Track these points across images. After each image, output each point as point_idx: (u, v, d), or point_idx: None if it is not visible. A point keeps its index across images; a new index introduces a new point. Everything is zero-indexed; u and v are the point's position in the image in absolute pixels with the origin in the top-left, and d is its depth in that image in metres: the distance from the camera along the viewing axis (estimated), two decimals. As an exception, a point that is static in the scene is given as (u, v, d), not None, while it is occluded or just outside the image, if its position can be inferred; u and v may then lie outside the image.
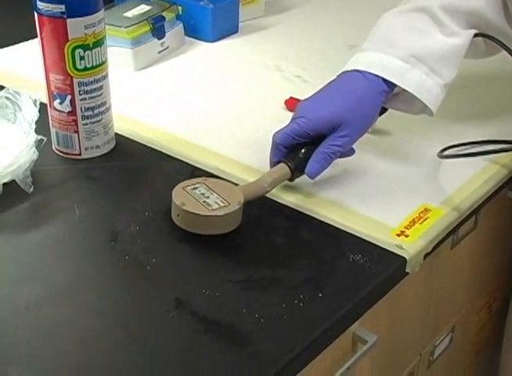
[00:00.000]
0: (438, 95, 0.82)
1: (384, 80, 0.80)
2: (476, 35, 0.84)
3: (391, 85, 0.81)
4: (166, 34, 1.13)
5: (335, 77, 0.83)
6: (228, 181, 0.81)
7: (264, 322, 0.64)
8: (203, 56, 1.16)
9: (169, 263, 0.71)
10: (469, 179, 0.85)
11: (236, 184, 0.79)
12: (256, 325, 0.64)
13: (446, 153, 0.87)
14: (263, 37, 1.22)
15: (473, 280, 1.04)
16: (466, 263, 0.99)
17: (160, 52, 1.13)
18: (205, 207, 0.72)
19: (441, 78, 0.82)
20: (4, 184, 0.78)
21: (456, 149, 0.88)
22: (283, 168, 0.78)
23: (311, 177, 0.79)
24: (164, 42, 1.13)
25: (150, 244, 0.73)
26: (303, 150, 0.79)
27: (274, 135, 0.80)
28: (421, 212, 0.79)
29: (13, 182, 0.78)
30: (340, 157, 0.81)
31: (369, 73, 0.80)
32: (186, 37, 1.19)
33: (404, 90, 0.81)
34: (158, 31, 1.11)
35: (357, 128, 0.79)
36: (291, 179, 0.79)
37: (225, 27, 1.21)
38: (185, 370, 0.60)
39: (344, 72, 0.82)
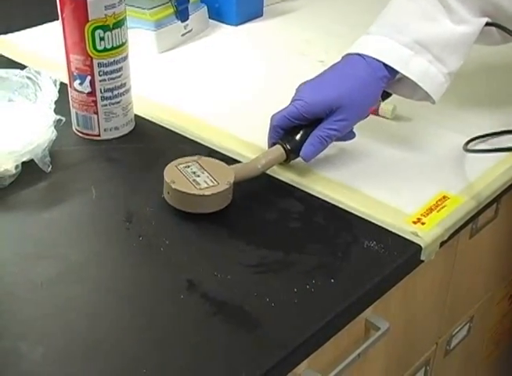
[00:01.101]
0: (441, 84, 0.81)
1: (386, 65, 0.79)
2: (487, 24, 0.82)
3: (392, 71, 0.79)
4: (190, 17, 1.13)
5: (340, 59, 0.82)
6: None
7: (274, 306, 0.64)
8: (227, 40, 1.15)
9: (182, 245, 0.71)
10: (490, 167, 0.84)
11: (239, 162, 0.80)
12: (266, 309, 0.64)
13: (472, 145, 0.85)
14: (287, 22, 1.22)
15: (493, 270, 1.03)
16: (485, 253, 0.98)
17: (183, 34, 1.13)
18: (194, 186, 0.73)
19: (445, 67, 0.80)
20: (23, 163, 0.79)
21: (481, 140, 0.86)
22: (278, 150, 0.79)
23: (306, 160, 0.79)
24: (187, 25, 1.13)
25: (165, 226, 0.73)
26: (300, 133, 0.79)
27: (272, 117, 0.80)
28: (439, 200, 0.78)
29: (32, 161, 0.79)
30: (339, 140, 0.81)
31: (371, 57, 0.79)
32: (210, 20, 1.18)
33: (406, 76, 0.80)
34: (182, 14, 1.11)
35: (355, 112, 0.78)
36: (286, 161, 0.80)
37: (249, 10, 1.21)
38: (193, 351, 0.60)
39: (347, 55, 0.82)
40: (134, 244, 0.71)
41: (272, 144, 0.80)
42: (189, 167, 0.75)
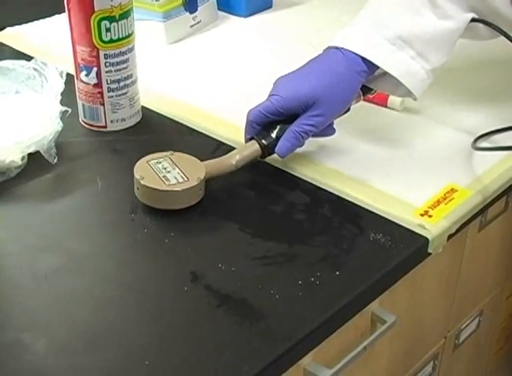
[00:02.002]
0: (423, 80, 0.79)
1: (365, 60, 0.77)
2: (473, 20, 0.80)
3: (371, 66, 0.77)
4: (198, 8, 1.12)
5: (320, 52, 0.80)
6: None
7: (278, 298, 0.64)
8: (236, 31, 1.15)
9: (187, 237, 0.71)
10: (499, 160, 0.83)
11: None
12: (270, 301, 0.64)
13: (481, 142, 0.84)
14: (297, 13, 1.21)
15: (503, 264, 1.02)
16: (495, 246, 0.97)
17: (192, 26, 1.12)
18: (163, 182, 0.72)
19: (428, 63, 0.78)
20: (29, 155, 0.79)
21: (490, 136, 0.85)
22: (254, 145, 0.78)
23: (281, 156, 0.77)
24: (196, 16, 1.12)
25: (170, 218, 0.73)
26: (276, 128, 0.78)
27: (248, 112, 0.78)
28: (447, 192, 0.77)
29: (38, 152, 0.79)
30: (318, 136, 0.79)
31: (349, 51, 0.77)
32: (219, 12, 1.18)
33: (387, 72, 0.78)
34: (190, 5, 1.11)
35: (331, 107, 0.76)
36: (262, 157, 0.79)
37: (258, 1, 1.20)
38: (196, 343, 0.60)
39: (327, 48, 0.80)
40: (138, 236, 0.71)
41: (247, 139, 0.79)
42: (160, 163, 0.75)
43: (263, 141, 0.78)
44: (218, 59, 1.06)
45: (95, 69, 0.83)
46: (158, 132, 0.88)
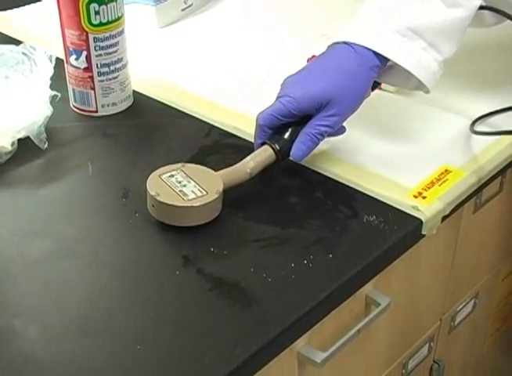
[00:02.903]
0: (435, 72, 0.77)
1: (376, 54, 0.74)
2: (481, 8, 0.78)
3: (383, 60, 0.75)
4: (190, -9, 1.11)
5: (326, 49, 0.77)
6: (244, 140, 0.79)
7: (271, 281, 0.63)
8: (228, 14, 1.14)
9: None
10: (494, 141, 0.82)
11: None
12: (263, 284, 0.63)
13: (478, 125, 0.83)
14: (289, -4, 1.20)
15: (498, 245, 1.02)
16: (490, 228, 0.97)
17: (183, 9, 1.11)
18: (181, 197, 0.68)
19: (440, 54, 0.76)
20: (19, 140, 0.78)
21: (487, 118, 0.84)
22: (267, 151, 0.73)
23: (297, 160, 0.74)
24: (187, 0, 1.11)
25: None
26: (289, 131, 0.74)
27: (258, 116, 0.74)
28: (441, 174, 0.77)
29: (28, 138, 0.78)
30: (329, 136, 0.76)
31: (360, 46, 0.74)
32: (211, -5, 1.17)
33: (398, 64, 0.75)
34: (182, -12, 1.10)
35: (346, 106, 0.73)
36: (276, 162, 0.74)
37: (251, -16, 1.19)
38: (189, 327, 0.59)
39: (334, 44, 0.76)
40: (130, 221, 0.70)
41: (259, 145, 0.75)
42: (173, 176, 0.70)
43: (276, 145, 0.73)
44: (209, 43, 1.05)
45: (84, 53, 0.82)
46: (150, 116, 0.88)
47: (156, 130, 0.85)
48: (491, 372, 1.21)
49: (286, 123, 0.74)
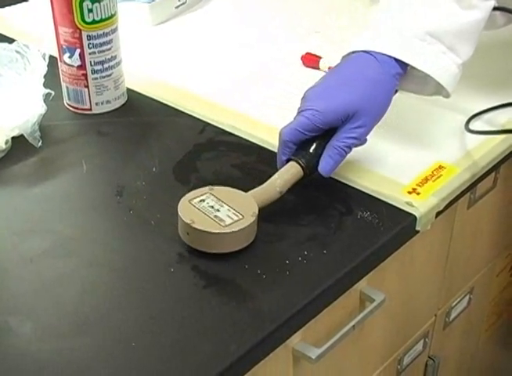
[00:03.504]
0: (455, 76, 0.76)
1: (398, 61, 0.73)
2: (494, 9, 0.77)
3: (404, 67, 0.74)
4: (183, -11, 1.11)
5: (341, 59, 0.76)
6: (239, 137, 0.79)
7: (266, 278, 0.63)
8: (221, 12, 1.13)
9: (173, 218, 0.70)
10: (487, 137, 0.82)
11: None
12: (257, 281, 0.63)
13: (474, 122, 0.83)
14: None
15: (492, 241, 1.02)
16: (485, 223, 0.97)
17: (177, 7, 1.11)
18: (217, 223, 0.65)
19: (458, 57, 0.75)
20: (13, 138, 0.78)
21: (482, 115, 0.84)
22: (294, 167, 0.71)
23: (325, 174, 0.71)
24: (181, -3, 1.11)
25: (155, 200, 0.72)
26: (313, 145, 0.71)
27: (281, 132, 0.72)
28: (435, 170, 0.77)
29: (22, 136, 0.78)
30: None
31: (382, 54, 0.72)
32: (205, -8, 1.17)
33: (415, 70, 0.74)
34: (175, -14, 1.10)
35: (372, 117, 0.71)
36: (303, 178, 0.72)
37: (244, -19, 1.18)
38: (183, 324, 0.59)
39: (352, 53, 0.75)
40: (125, 218, 0.70)
41: (283, 161, 0.72)
42: (204, 201, 0.67)
43: (303, 161, 0.71)
44: (203, 41, 1.05)
45: (78, 50, 0.82)
46: (144, 114, 0.87)
47: (151, 128, 0.85)
48: (486, 367, 1.22)
49: (310, 137, 0.71)
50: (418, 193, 0.74)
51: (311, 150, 0.72)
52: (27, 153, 0.78)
